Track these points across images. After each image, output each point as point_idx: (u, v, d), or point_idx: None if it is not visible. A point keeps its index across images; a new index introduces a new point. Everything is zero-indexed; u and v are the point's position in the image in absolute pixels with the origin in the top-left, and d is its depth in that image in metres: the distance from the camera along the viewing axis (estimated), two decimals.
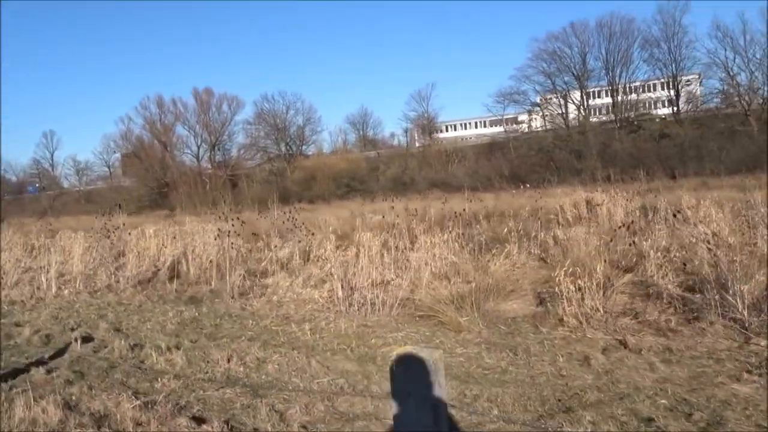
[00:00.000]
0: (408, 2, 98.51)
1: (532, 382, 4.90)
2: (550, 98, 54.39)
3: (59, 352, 6.57)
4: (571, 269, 6.69)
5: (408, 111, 62.47)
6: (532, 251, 10.98)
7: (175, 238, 12.97)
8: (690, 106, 47.56)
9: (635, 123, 48.02)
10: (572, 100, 52.91)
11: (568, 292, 6.47)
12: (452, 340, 6.21)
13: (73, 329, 7.66)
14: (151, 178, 54.58)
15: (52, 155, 75.37)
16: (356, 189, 46.29)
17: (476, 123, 75.35)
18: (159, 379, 5.36)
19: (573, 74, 52.12)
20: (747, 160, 35.27)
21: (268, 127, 56.99)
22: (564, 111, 53.56)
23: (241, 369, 5.55)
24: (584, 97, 52.24)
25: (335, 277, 8.29)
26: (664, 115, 49.44)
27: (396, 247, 9.73)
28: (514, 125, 59.95)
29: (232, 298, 9.01)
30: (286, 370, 5.48)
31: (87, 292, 10.41)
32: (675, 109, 48.15)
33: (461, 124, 75.37)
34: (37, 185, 72.36)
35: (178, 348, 6.39)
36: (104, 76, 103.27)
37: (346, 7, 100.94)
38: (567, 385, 4.76)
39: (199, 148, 58.70)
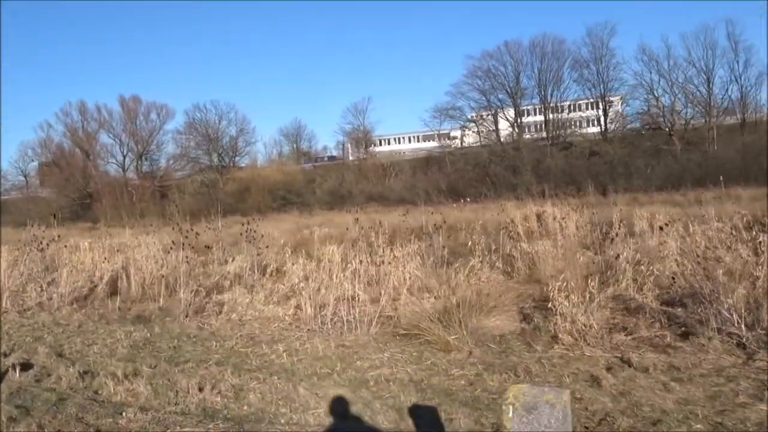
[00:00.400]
0: (344, 15, 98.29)
1: None
2: (485, 115, 55.46)
3: None
4: (559, 284, 6.39)
5: (344, 124, 62.08)
6: (496, 265, 10.70)
7: (112, 251, 11.98)
8: (616, 126, 49.54)
9: (566, 141, 49.59)
10: (505, 117, 54.07)
11: (561, 308, 6.16)
12: (444, 361, 5.76)
13: (6, 354, 6.71)
14: (72, 189, 51.62)
15: None
16: (292, 201, 45.38)
17: (410, 138, 76.01)
18: (122, 414, 4.64)
19: (507, 92, 53.39)
20: (672, 178, 37.00)
21: (199, 137, 55.21)
22: (496, 128, 54.69)
23: (218, 399, 4.89)
24: (517, 114, 53.51)
25: (303, 293, 7.71)
26: (594, 133, 51.26)
27: (361, 261, 9.22)
28: (447, 140, 60.74)
29: (186, 316, 8.23)
30: (271, 399, 4.87)
31: (15, 311, 9.33)
32: (603, 128, 50.02)
33: (395, 139, 75.77)
34: None
35: (136, 375, 5.64)
36: (22, 80, 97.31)
37: (281, 18, 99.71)
38: (587, 409, 4.41)
39: (125, 157, 56.19)
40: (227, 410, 4.70)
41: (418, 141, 73.97)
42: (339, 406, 4.63)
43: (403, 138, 76.07)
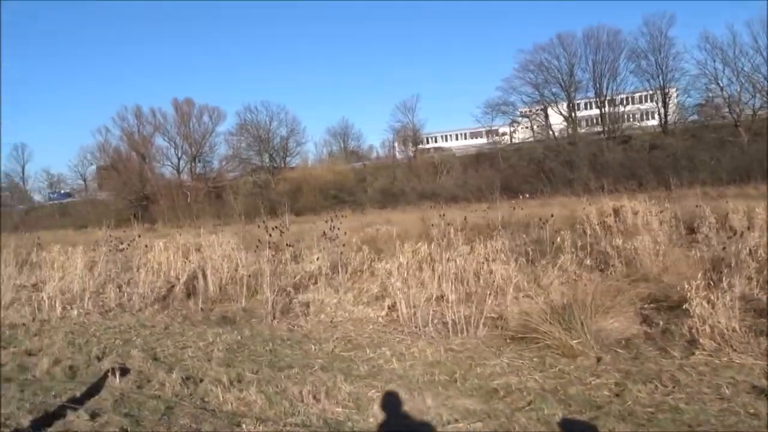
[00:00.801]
0: (393, 13, 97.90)
1: (722, 425, 3.94)
2: (538, 109, 54.22)
3: (94, 389, 5.42)
4: (698, 283, 5.76)
5: (394, 122, 61.60)
6: (584, 263, 10.03)
7: (186, 251, 11.82)
8: (677, 117, 47.62)
9: (624, 134, 47.97)
10: (558, 111, 52.72)
11: (699, 309, 5.54)
12: (571, 368, 5.22)
13: (99, 358, 6.50)
14: (130, 191, 52.70)
15: (23, 168, 72.81)
16: (344, 200, 45.22)
17: (457, 135, 75.22)
18: (240, 425, 4.29)
19: (560, 85, 51.97)
20: (740, 170, 35.28)
21: (250, 138, 55.69)
22: (546, 122, 53.42)
23: (339, 410, 4.48)
24: (572, 107, 52.08)
25: (399, 293, 7.27)
26: (652, 126, 49.41)
27: (448, 259, 8.72)
28: (497, 137, 59.72)
29: (274, 318, 7.90)
30: (397, 410, 4.43)
31: (98, 312, 9.20)
32: (662, 120, 48.18)
33: (442, 136, 74.98)
34: (63, 191, 68.96)
35: (241, 381, 5.30)
36: (80, 87, 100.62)
37: (328, 18, 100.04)
38: None
39: (179, 159, 57.09)
40: (352, 422, 4.29)
41: (465, 138, 73.16)
42: (474, 418, 4.16)
43: (450, 135, 75.30)
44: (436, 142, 73.08)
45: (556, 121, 53.47)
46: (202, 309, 8.87)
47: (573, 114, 52.26)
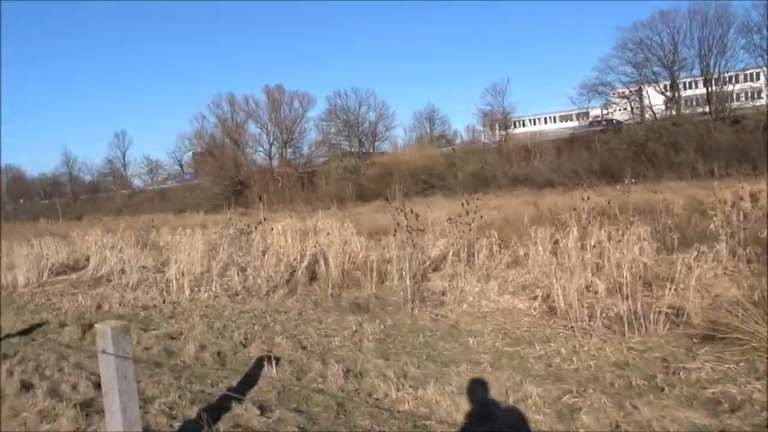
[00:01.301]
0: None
1: None
2: (637, 89, 51.35)
3: (250, 378, 5.13)
4: None
5: (483, 105, 60.15)
6: (738, 252, 8.96)
7: (304, 235, 11.61)
8: None
9: (734, 114, 44.54)
10: (661, 91, 49.68)
11: None
12: None
13: (244, 344, 6.26)
14: (225, 176, 54.24)
15: (123, 155, 76.67)
16: (435, 185, 44.56)
17: (545, 119, 72.83)
18: (426, 428, 3.81)
19: (662, 64, 48.91)
20: None
21: (340, 124, 55.96)
22: (640, 102, 50.46)
23: (540, 417, 3.92)
24: (675, 87, 48.92)
25: (554, 282, 6.62)
26: (763, 106, 45.56)
27: (594, 246, 7.95)
28: (586, 120, 57.19)
29: (413, 306, 7.43)
30: (608, 421, 3.82)
31: (226, 296, 9.09)
32: None
33: (530, 120, 72.68)
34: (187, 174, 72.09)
35: (407, 377, 4.85)
36: (179, 75, 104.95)
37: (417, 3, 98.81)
38: None
39: (271, 145, 58.21)
40: None
41: (555, 122, 70.72)
42: None
43: (539, 119, 72.96)
44: (523, 126, 70.98)
45: (655, 102, 50.44)
46: (332, 295, 8.55)
47: (677, 94, 49.08)
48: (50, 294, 10.57)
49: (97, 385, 4.97)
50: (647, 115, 50.24)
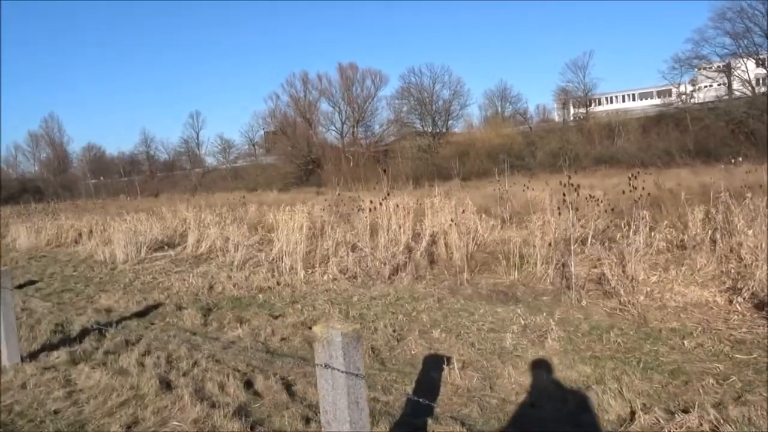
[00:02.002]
0: None
1: None
2: (726, 64, 47.71)
3: (426, 384, 4.21)
4: None
5: (564, 82, 57.41)
6: None
7: (417, 214, 10.65)
8: None
9: None
10: (763, 64, 45.92)
11: None
12: None
13: (397, 339, 5.34)
14: (297, 155, 54.07)
15: (197, 134, 78.00)
16: (514, 165, 42.84)
17: (623, 96, 69.27)
18: None
19: (766, 34, 45.08)
20: None
21: (413, 101, 54.52)
22: (729, 78, 46.77)
23: None
24: None
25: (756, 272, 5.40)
26: None
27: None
28: (668, 97, 53.81)
29: (578, 296, 6.34)
30: None
31: (345, 278, 8.25)
32: None
33: (606, 98, 69.14)
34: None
35: (640, 393, 3.80)
36: (254, 55, 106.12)
37: None
38: None
39: (343, 124, 57.57)
40: None
41: (633, 100, 67.23)
42: None
43: (616, 97, 69.40)
44: (599, 104, 67.67)
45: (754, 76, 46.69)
46: (468, 281, 7.56)
47: None
48: (154, 272, 10.05)
49: (248, 385, 4.19)
50: (740, 92, 46.60)
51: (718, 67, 49.44)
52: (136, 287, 8.86)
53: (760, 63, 45.88)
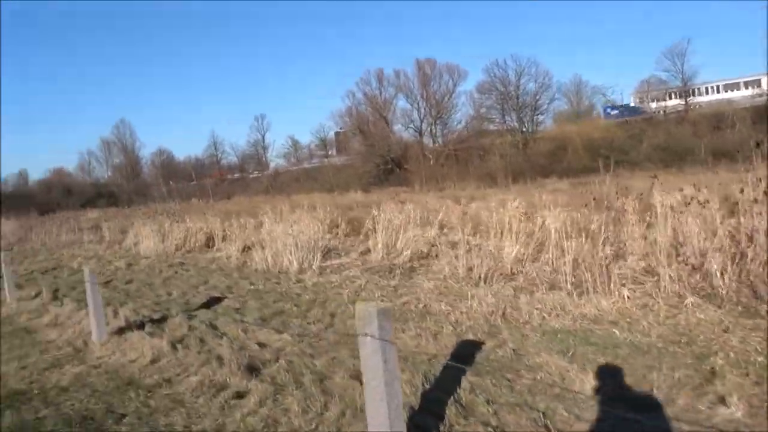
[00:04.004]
0: None
1: None
2: None
3: None
4: None
5: (659, 71, 53.70)
6: None
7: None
8: None
9: None
10: None
11: None
12: None
13: None
14: (375, 155, 52.21)
15: (263, 137, 77.53)
16: (617, 160, 39.72)
17: (717, 87, 64.01)
18: None
19: None
20: None
21: (497, 95, 51.65)
22: None
23: None
24: None
25: None
26: None
27: None
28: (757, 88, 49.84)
29: None
30: None
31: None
32: None
33: (698, 90, 64.27)
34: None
35: None
36: (326, 56, 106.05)
37: None
38: None
39: (421, 121, 55.41)
40: None
41: (717, 92, 62.61)
42: None
43: (711, 88, 64.59)
44: (693, 95, 63.10)
45: None
46: None
47: None
48: (367, 288, 8.00)
49: None
50: None
51: None
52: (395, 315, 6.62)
53: None
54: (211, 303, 7.85)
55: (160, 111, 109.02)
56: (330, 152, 71.13)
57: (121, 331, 6.27)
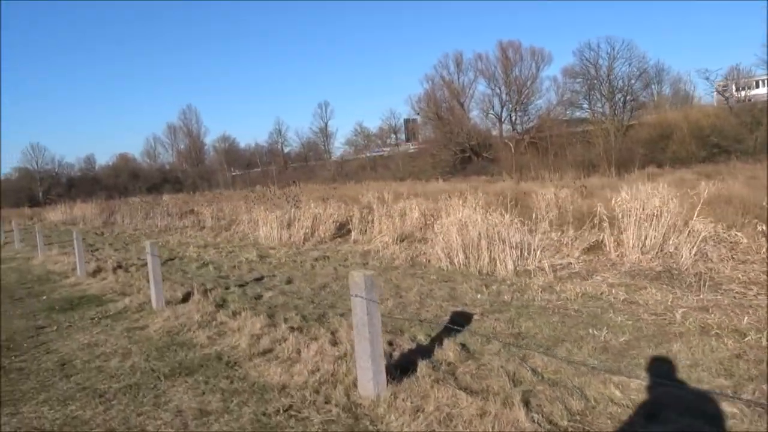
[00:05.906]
0: None
1: None
2: None
3: None
4: None
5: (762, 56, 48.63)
6: None
7: None
8: None
9: None
10: None
11: None
12: None
13: None
14: (453, 142, 49.45)
15: (326, 125, 75.81)
16: (729, 149, 35.99)
17: None
18: None
19: None
20: None
21: (589, 79, 47.76)
22: None
23: None
24: None
25: None
26: None
27: None
28: None
29: None
30: None
31: None
32: None
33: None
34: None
35: None
36: (399, 42, 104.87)
37: None
38: None
39: (502, 107, 52.30)
40: None
41: None
42: None
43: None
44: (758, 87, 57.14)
45: None
46: None
47: None
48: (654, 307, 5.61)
49: None
50: None
51: None
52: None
53: None
54: (456, 328, 5.33)
55: (226, 96, 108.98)
56: (399, 140, 68.62)
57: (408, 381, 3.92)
